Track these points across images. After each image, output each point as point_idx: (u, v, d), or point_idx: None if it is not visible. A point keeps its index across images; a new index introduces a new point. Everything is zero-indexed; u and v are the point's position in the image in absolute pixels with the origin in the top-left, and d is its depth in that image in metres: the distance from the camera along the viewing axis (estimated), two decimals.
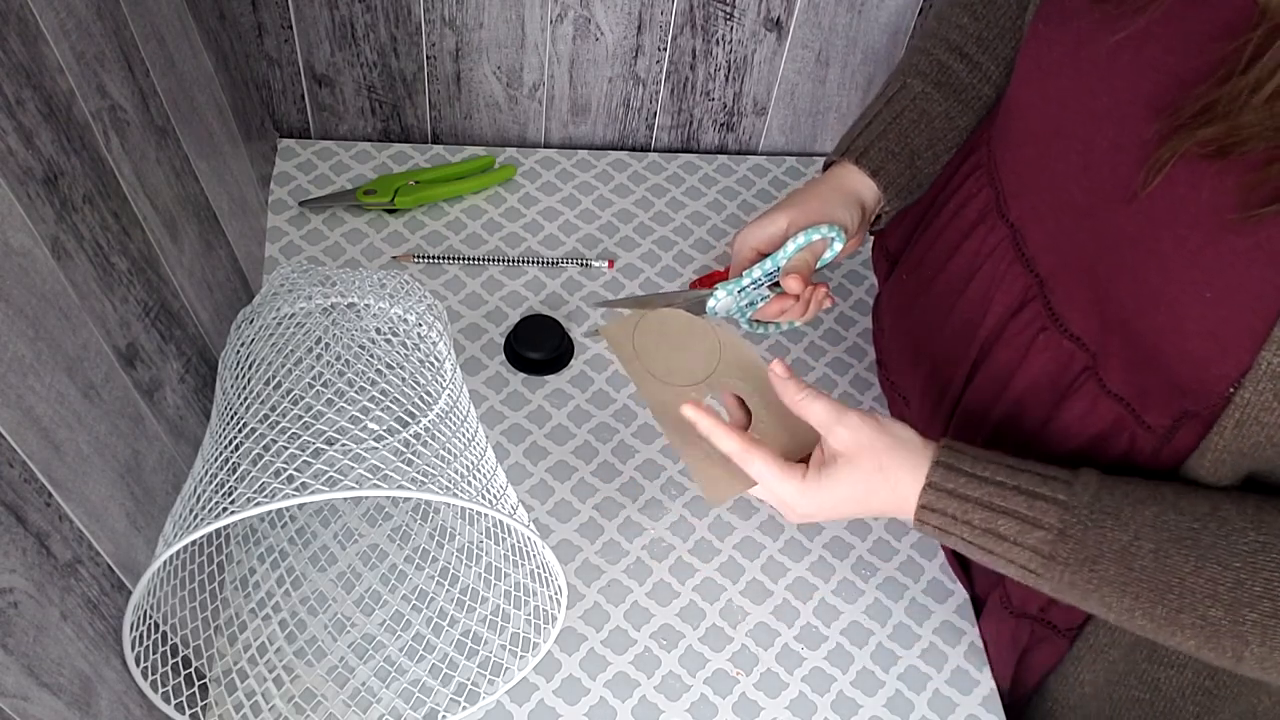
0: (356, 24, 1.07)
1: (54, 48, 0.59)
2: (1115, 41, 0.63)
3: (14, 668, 0.52)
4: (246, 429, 0.70)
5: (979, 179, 0.80)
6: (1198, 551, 0.61)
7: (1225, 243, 0.57)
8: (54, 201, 0.58)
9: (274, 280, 0.83)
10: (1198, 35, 0.59)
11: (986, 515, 0.65)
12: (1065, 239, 0.69)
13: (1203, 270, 0.58)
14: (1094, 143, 0.65)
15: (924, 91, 0.83)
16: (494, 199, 1.13)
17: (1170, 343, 0.61)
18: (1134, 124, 0.62)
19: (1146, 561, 0.62)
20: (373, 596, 0.84)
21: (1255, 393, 0.58)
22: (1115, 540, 0.62)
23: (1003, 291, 0.75)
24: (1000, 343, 0.76)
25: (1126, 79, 0.63)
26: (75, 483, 0.58)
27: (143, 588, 0.60)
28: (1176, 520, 0.62)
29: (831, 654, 0.85)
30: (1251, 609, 0.59)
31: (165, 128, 0.76)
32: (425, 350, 0.80)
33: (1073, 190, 0.67)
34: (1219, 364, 0.59)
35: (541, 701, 0.81)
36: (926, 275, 0.84)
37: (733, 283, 0.82)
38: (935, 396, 0.84)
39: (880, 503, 0.69)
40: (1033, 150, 0.72)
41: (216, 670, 0.79)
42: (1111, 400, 0.68)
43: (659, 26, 1.10)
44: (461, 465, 0.69)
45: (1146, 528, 0.62)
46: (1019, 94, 0.73)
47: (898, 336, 0.92)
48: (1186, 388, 0.62)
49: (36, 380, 0.54)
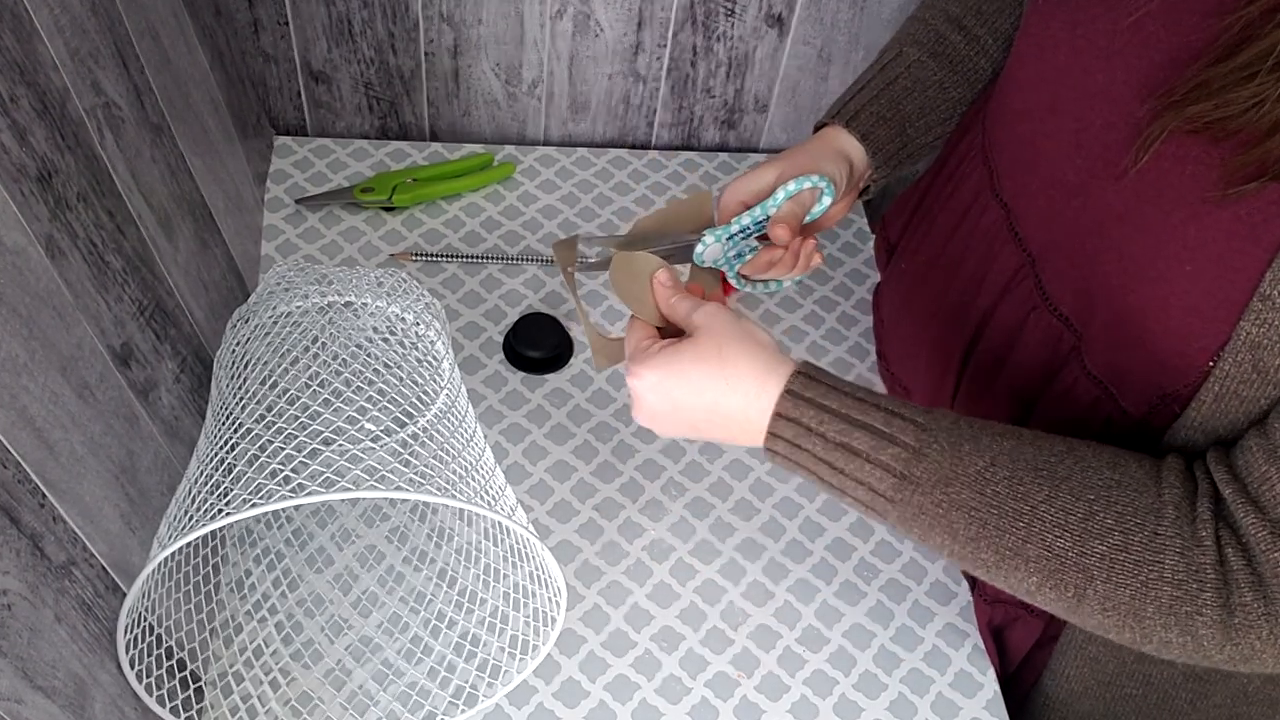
0: (353, 20, 1.06)
1: (48, 44, 0.58)
2: (1114, 21, 0.64)
3: (8, 670, 0.51)
4: (242, 429, 0.69)
5: (974, 160, 0.80)
6: (1052, 482, 0.60)
7: (1208, 217, 0.57)
8: (48, 200, 0.57)
9: (270, 279, 0.82)
10: (1192, 11, 0.59)
11: (842, 427, 0.62)
12: (1056, 216, 0.69)
13: (1185, 245, 0.59)
14: (1087, 120, 0.65)
15: (919, 59, 0.82)
16: (493, 196, 1.13)
17: (1155, 317, 0.61)
18: (1126, 102, 0.63)
19: (1000, 487, 0.60)
20: (370, 598, 0.84)
21: (1234, 364, 0.58)
22: (971, 464, 0.61)
23: (995, 271, 0.75)
24: (993, 323, 0.76)
25: (1124, 58, 0.63)
26: (69, 484, 0.58)
27: (137, 590, 0.60)
28: (1034, 453, 0.61)
29: (833, 656, 0.85)
30: (1101, 540, 0.59)
31: (160, 125, 0.76)
32: (423, 349, 0.80)
33: (1064, 168, 0.68)
34: (1200, 336, 0.59)
35: (541, 704, 0.80)
36: (923, 261, 0.84)
37: (721, 229, 0.80)
38: (934, 384, 0.84)
39: (716, 397, 0.66)
40: (1027, 127, 0.72)
41: (212, 673, 0.79)
42: (1091, 383, 0.68)
43: (659, 23, 1.10)
44: (460, 465, 0.69)
45: (1003, 456, 0.61)
46: (1016, 71, 0.73)
47: (897, 326, 0.92)
48: (1168, 363, 0.62)
49: (30, 380, 0.54)
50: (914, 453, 0.62)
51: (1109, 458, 0.62)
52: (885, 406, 0.63)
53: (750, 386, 0.65)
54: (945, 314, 0.81)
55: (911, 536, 0.64)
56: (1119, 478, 0.60)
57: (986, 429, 0.63)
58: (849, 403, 0.63)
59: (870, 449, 0.62)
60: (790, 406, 0.64)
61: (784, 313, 1.06)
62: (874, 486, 0.63)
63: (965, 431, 0.63)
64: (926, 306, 0.84)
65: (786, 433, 0.64)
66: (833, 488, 0.65)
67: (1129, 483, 0.60)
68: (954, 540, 0.62)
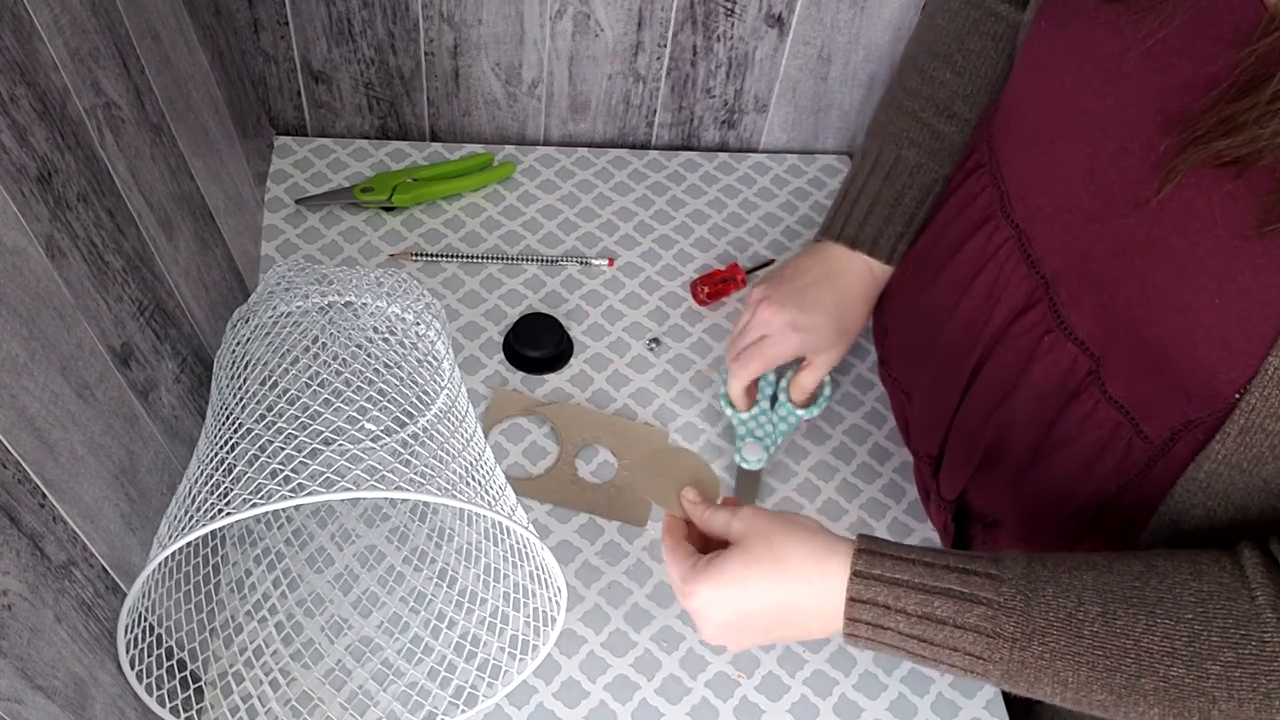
0: (353, 20, 1.06)
1: (48, 44, 0.58)
2: (1122, 45, 0.63)
3: (8, 670, 0.51)
4: (242, 429, 0.69)
5: (981, 178, 0.79)
6: (1146, 609, 0.58)
7: (1237, 250, 0.57)
8: (48, 200, 0.57)
9: (270, 279, 0.82)
10: (1206, 39, 0.59)
11: (921, 598, 0.60)
12: (1072, 242, 0.69)
13: (1213, 276, 0.58)
14: (1100, 146, 0.65)
15: (919, 164, 0.85)
16: (493, 196, 1.13)
17: (1178, 348, 0.61)
18: (1142, 129, 0.62)
19: (1095, 626, 0.58)
20: (370, 598, 0.84)
21: (1261, 398, 0.57)
22: (1059, 608, 0.59)
23: (1008, 293, 0.75)
24: (1005, 344, 0.75)
25: (1133, 82, 0.62)
26: (69, 484, 0.58)
27: (137, 590, 0.60)
28: (1116, 581, 0.59)
29: (833, 656, 0.85)
30: (1213, 660, 0.56)
31: (160, 125, 0.76)
32: (423, 349, 0.80)
33: (1079, 194, 0.67)
34: (1227, 369, 0.58)
35: (541, 704, 0.80)
36: (930, 273, 0.84)
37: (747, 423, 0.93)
38: (939, 395, 0.84)
39: (781, 594, 0.64)
40: (1037, 152, 0.71)
41: (212, 673, 0.79)
42: (1111, 408, 0.68)
43: (659, 22, 1.10)
44: (460, 465, 0.69)
45: (1088, 591, 0.59)
46: (1019, 94, 0.73)
47: (901, 332, 0.92)
48: (1193, 393, 0.61)
49: (30, 380, 0.54)
50: (999, 608, 0.59)
51: (1189, 567, 0.59)
52: (957, 566, 0.61)
53: (814, 576, 0.63)
54: (953, 328, 0.80)
55: (1019, 690, 0.62)
56: (1208, 589, 0.58)
57: (1062, 565, 0.61)
58: (920, 570, 0.61)
59: (954, 615, 0.60)
60: (862, 589, 0.62)
61: None
62: (969, 650, 0.60)
63: (1042, 573, 0.60)
64: (935, 317, 0.83)
65: (865, 615, 0.62)
66: (925, 660, 0.62)
67: (1220, 591, 0.58)
68: (1064, 688, 0.60)
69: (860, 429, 0.98)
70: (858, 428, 0.98)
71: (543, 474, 0.92)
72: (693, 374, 1.00)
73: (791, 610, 0.64)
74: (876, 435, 0.98)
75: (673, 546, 0.70)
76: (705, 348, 1.02)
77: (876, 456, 0.97)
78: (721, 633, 0.67)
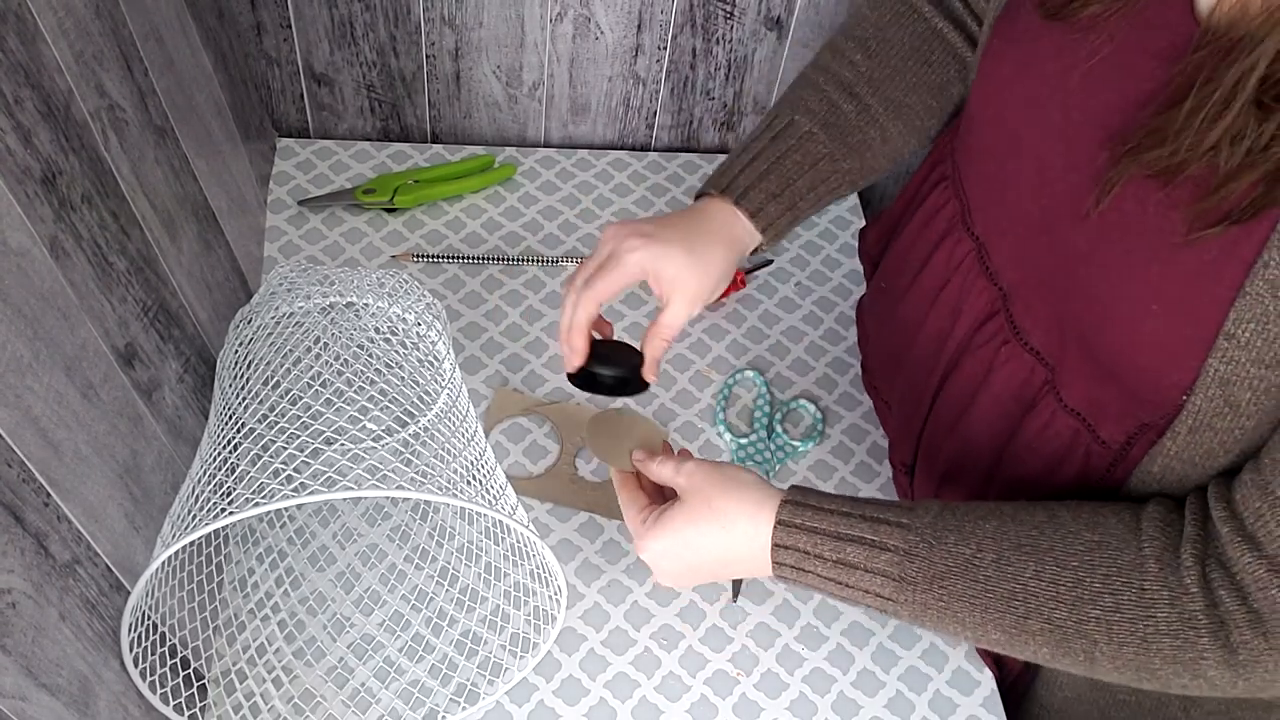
0: (356, 23, 1.07)
1: (52, 47, 0.59)
2: (1066, 62, 0.64)
3: (12, 668, 0.52)
4: (245, 429, 0.70)
5: (945, 190, 0.80)
6: (1036, 556, 0.63)
7: (1170, 259, 0.58)
8: (52, 201, 0.58)
9: (273, 280, 0.83)
10: (1144, 56, 0.60)
11: (835, 545, 0.67)
12: (1025, 254, 0.70)
13: (1150, 285, 0.59)
14: (1047, 160, 0.66)
15: (810, 131, 0.81)
16: (493, 198, 1.13)
17: (1125, 355, 0.62)
18: (1084, 144, 0.63)
19: (989, 571, 0.64)
20: (372, 596, 0.84)
21: (1206, 399, 0.59)
22: (959, 554, 0.64)
23: (970, 304, 0.76)
24: (967, 355, 0.76)
25: (1076, 98, 0.64)
26: (73, 483, 0.58)
27: (141, 588, 0.60)
28: (1016, 530, 0.64)
29: (832, 654, 0.85)
30: (1093, 605, 0.61)
31: (164, 127, 0.76)
32: (424, 349, 0.80)
33: (1029, 207, 0.68)
34: (1171, 373, 0.60)
35: (541, 702, 0.81)
36: (902, 285, 0.84)
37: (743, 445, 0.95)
38: (912, 404, 0.85)
39: (719, 546, 0.71)
40: (992, 165, 0.72)
41: (215, 671, 0.79)
42: (1068, 415, 0.69)
43: (659, 25, 1.10)
44: (460, 464, 0.69)
45: (988, 539, 0.64)
46: (975, 109, 0.74)
47: (878, 342, 0.93)
48: (1143, 397, 0.63)
49: (35, 380, 0.54)
50: (904, 554, 0.66)
51: (1088, 518, 0.64)
52: (871, 515, 0.67)
53: (746, 527, 0.70)
54: (922, 339, 0.81)
55: (926, 630, 0.68)
56: (1099, 538, 0.62)
57: (970, 514, 0.66)
58: (836, 520, 0.68)
59: (864, 560, 0.67)
60: (785, 535, 0.69)
61: (783, 313, 1.07)
62: (878, 593, 0.67)
63: (949, 521, 0.66)
64: (905, 329, 0.84)
65: (789, 560, 0.69)
66: (844, 599, 0.69)
67: (1110, 542, 0.62)
68: (963, 628, 0.66)
69: (859, 429, 0.99)
70: (856, 428, 0.99)
71: (543, 473, 0.92)
72: (692, 374, 1.01)
73: (732, 558, 0.72)
74: (875, 435, 0.98)
75: (627, 501, 0.77)
76: (704, 348, 1.03)
77: (875, 456, 0.97)
78: (671, 578, 0.75)
